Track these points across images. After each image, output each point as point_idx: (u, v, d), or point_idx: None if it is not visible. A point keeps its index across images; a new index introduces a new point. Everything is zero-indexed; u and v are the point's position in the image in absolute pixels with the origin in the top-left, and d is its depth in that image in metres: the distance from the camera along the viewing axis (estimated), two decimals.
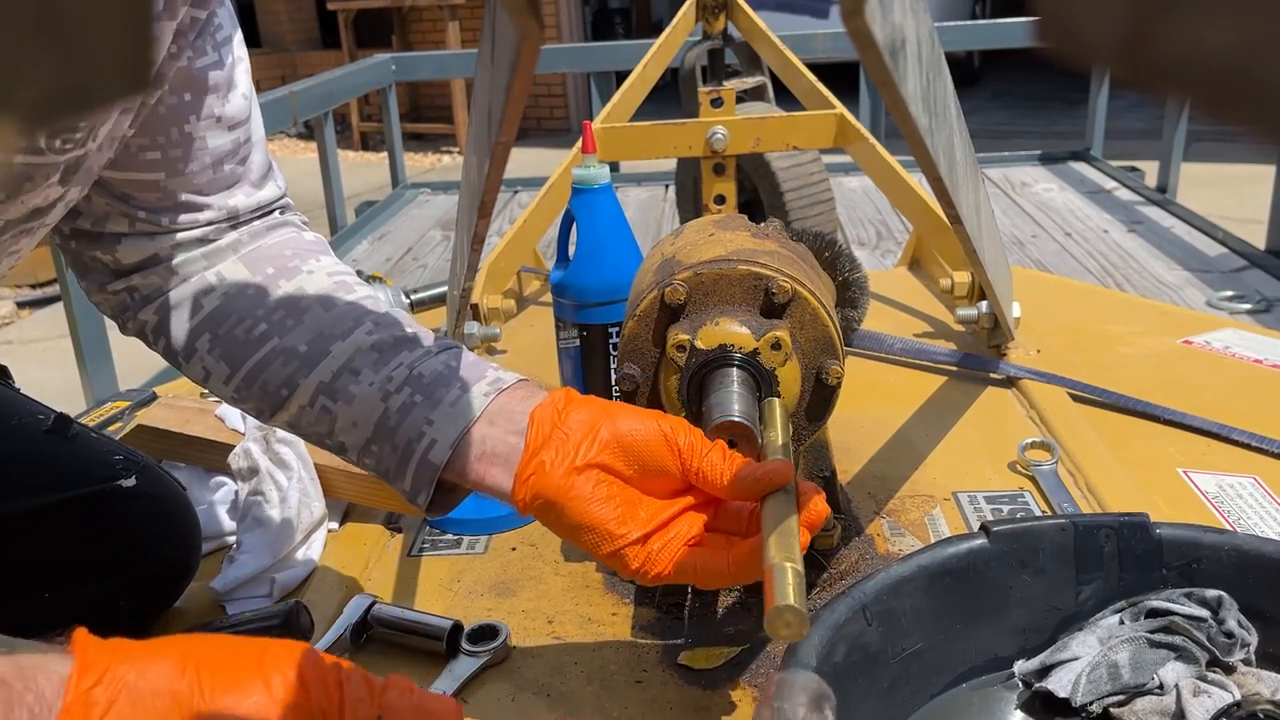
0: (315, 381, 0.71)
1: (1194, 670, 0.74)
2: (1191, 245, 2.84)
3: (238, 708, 0.45)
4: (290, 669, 0.47)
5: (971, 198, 0.81)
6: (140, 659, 0.45)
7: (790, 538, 0.62)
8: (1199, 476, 1.09)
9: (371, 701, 0.48)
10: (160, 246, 0.74)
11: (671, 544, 0.66)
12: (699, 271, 0.85)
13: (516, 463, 0.67)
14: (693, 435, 0.68)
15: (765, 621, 0.58)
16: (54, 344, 3.46)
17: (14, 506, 0.83)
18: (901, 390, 1.33)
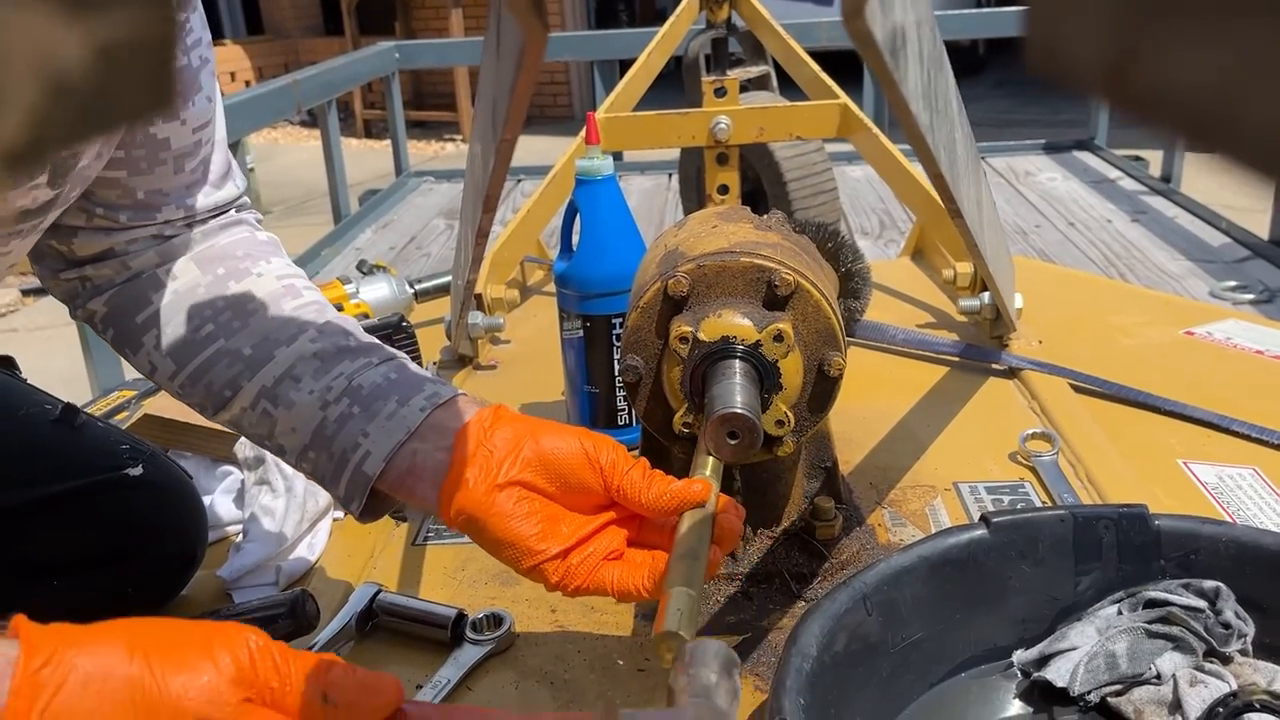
0: (258, 385, 0.72)
1: (1191, 660, 0.74)
2: (1195, 235, 2.84)
3: (189, 688, 0.45)
4: (238, 649, 0.47)
5: (973, 191, 0.82)
6: (87, 642, 0.46)
7: (693, 562, 0.63)
8: (1199, 467, 1.09)
9: (316, 679, 0.49)
10: (115, 241, 0.75)
11: (590, 559, 0.68)
12: (702, 264, 0.86)
13: (443, 478, 0.68)
14: (615, 453, 0.69)
15: (651, 643, 0.59)
16: (58, 331, 3.47)
17: (23, 496, 0.83)
18: (904, 381, 1.33)
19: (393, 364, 0.74)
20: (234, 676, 0.46)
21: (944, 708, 0.77)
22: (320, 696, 0.48)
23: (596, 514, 0.70)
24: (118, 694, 0.44)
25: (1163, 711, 0.73)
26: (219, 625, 0.49)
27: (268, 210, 4.81)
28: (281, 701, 0.48)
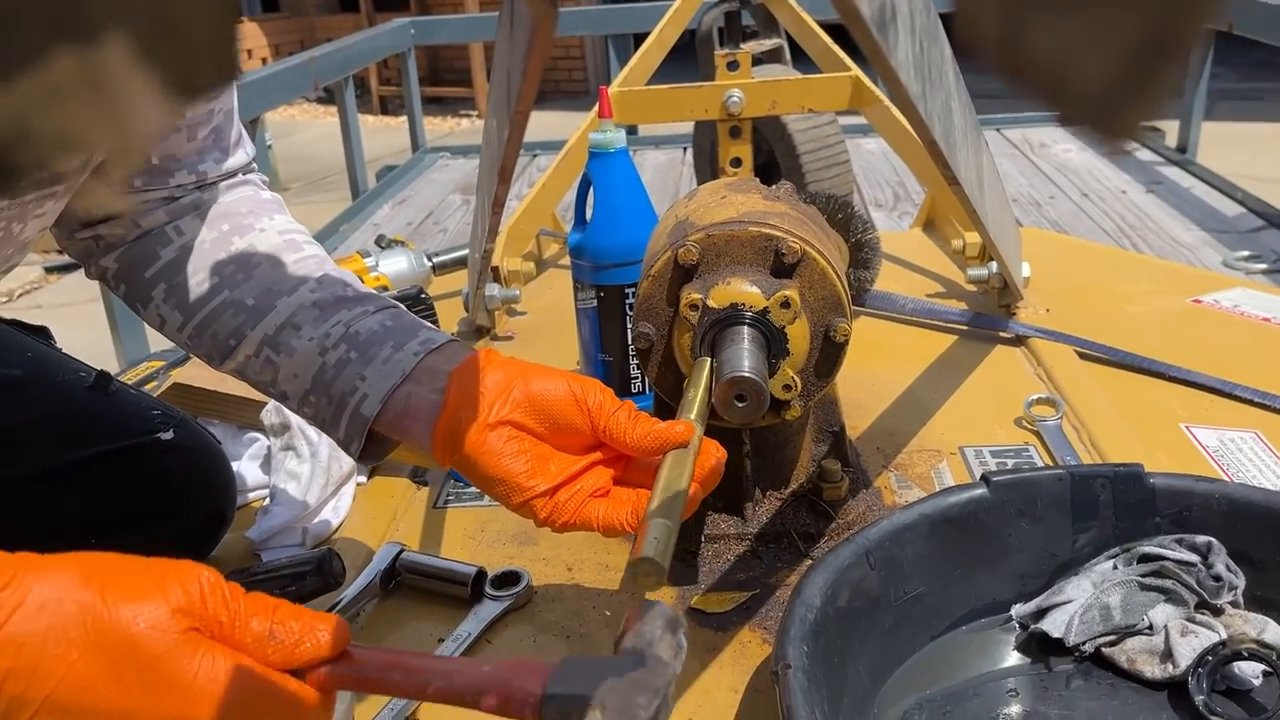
0: (261, 334, 0.76)
1: (1183, 612, 0.77)
2: (1210, 205, 2.84)
3: (137, 614, 0.47)
4: (189, 583, 0.49)
5: (972, 160, 0.84)
6: (45, 569, 0.47)
7: (673, 497, 0.66)
8: (1200, 431, 1.11)
9: (265, 615, 0.50)
10: (128, 202, 0.79)
11: (577, 496, 0.70)
12: (711, 233, 0.88)
13: (436, 418, 0.71)
14: (603, 395, 0.72)
15: (626, 570, 0.62)
16: (83, 308, 3.52)
17: (59, 460, 0.87)
18: (912, 349, 1.36)
19: (388, 312, 0.77)
20: (183, 607, 0.48)
21: (945, 659, 0.80)
22: (268, 632, 0.50)
23: (584, 454, 0.72)
24: (70, 617, 0.46)
25: (1154, 660, 0.75)
26: (174, 562, 0.50)
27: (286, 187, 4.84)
28: (229, 635, 0.49)
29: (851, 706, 0.73)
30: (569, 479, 0.71)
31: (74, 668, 0.46)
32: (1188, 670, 0.74)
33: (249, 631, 0.49)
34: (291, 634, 0.50)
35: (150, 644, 0.47)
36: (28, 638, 0.45)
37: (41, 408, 0.89)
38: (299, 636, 0.51)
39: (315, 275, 0.78)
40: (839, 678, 0.72)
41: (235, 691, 0.48)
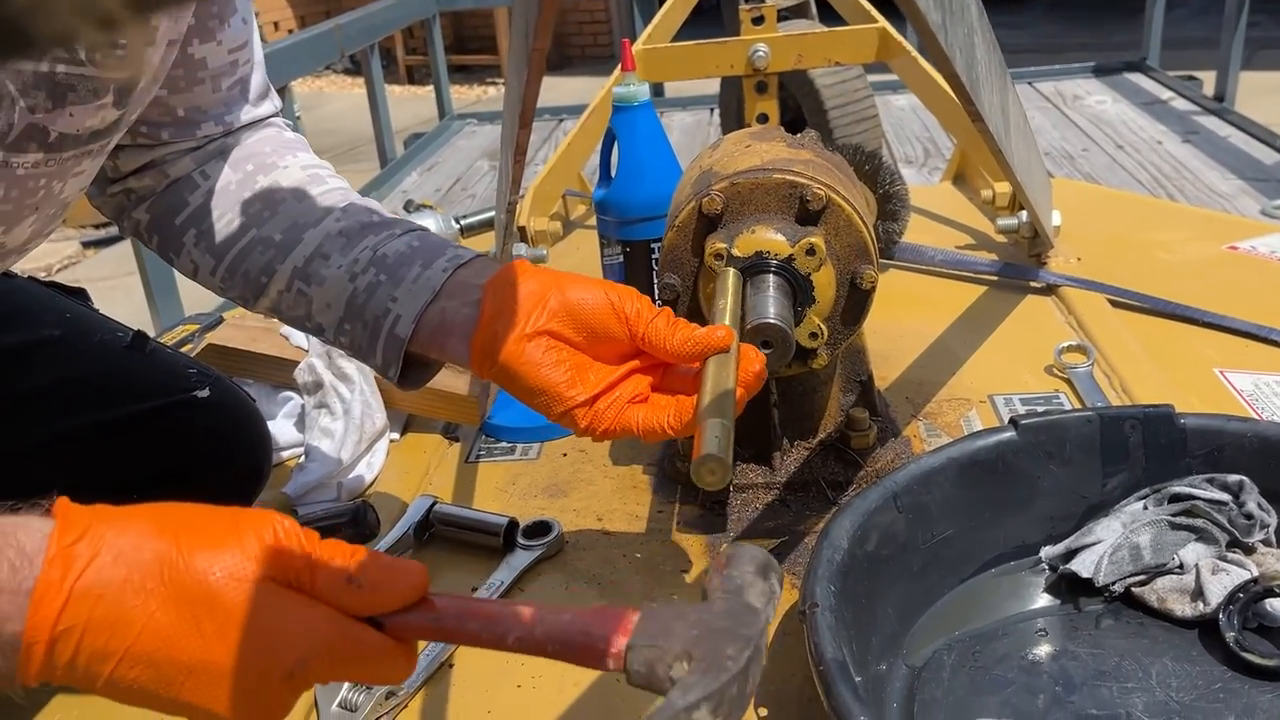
0: (290, 267, 0.76)
1: (1214, 551, 0.77)
2: (1248, 154, 2.79)
3: (214, 565, 0.46)
4: (264, 531, 0.48)
5: (997, 99, 0.83)
6: (120, 520, 0.47)
7: (724, 396, 0.65)
8: (1235, 376, 1.10)
9: (343, 561, 0.48)
10: (155, 154, 0.79)
11: (617, 403, 0.70)
12: (735, 181, 0.88)
13: (472, 332, 0.71)
14: (640, 303, 0.71)
15: (691, 470, 0.62)
16: (119, 281, 3.57)
17: (100, 417, 0.89)
18: (941, 301, 1.35)
19: (415, 233, 0.77)
20: (258, 556, 0.47)
21: (973, 601, 0.80)
22: (346, 579, 0.48)
23: (621, 363, 0.71)
24: (146, 568, 0.45)
25: (1185, 599, 0.75)
26: (248, 510, 0.49)
27: None
28: (307, 583, 0.48)
29: (880, 647, 0.73)
30: (608, 387, 0.70)
31: (153, 618, 0.45)
32: (1218, 608, 0.74)
33: (326, 580, 0.48)
34: (370, 581, 0.48)
35: (227, 594, 0.46)
36: (106, 589, 0.44)
37: (80, 367, 0.91)
38: (377, 584, 0.49)
39: (340, 205, 0.78)
40: (867, 619, 0.73)
41: (313, 640, 0.47)
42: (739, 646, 0.48)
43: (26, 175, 0.64)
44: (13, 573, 0.44)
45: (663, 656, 0.48)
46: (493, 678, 0.78)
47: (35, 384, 0.88)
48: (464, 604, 0.52)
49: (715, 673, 0.46)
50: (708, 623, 0.50)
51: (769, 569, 0.55)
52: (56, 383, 0.89)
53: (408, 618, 0.50)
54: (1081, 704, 0.70)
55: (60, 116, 0.63)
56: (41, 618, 0.44)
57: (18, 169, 0.63)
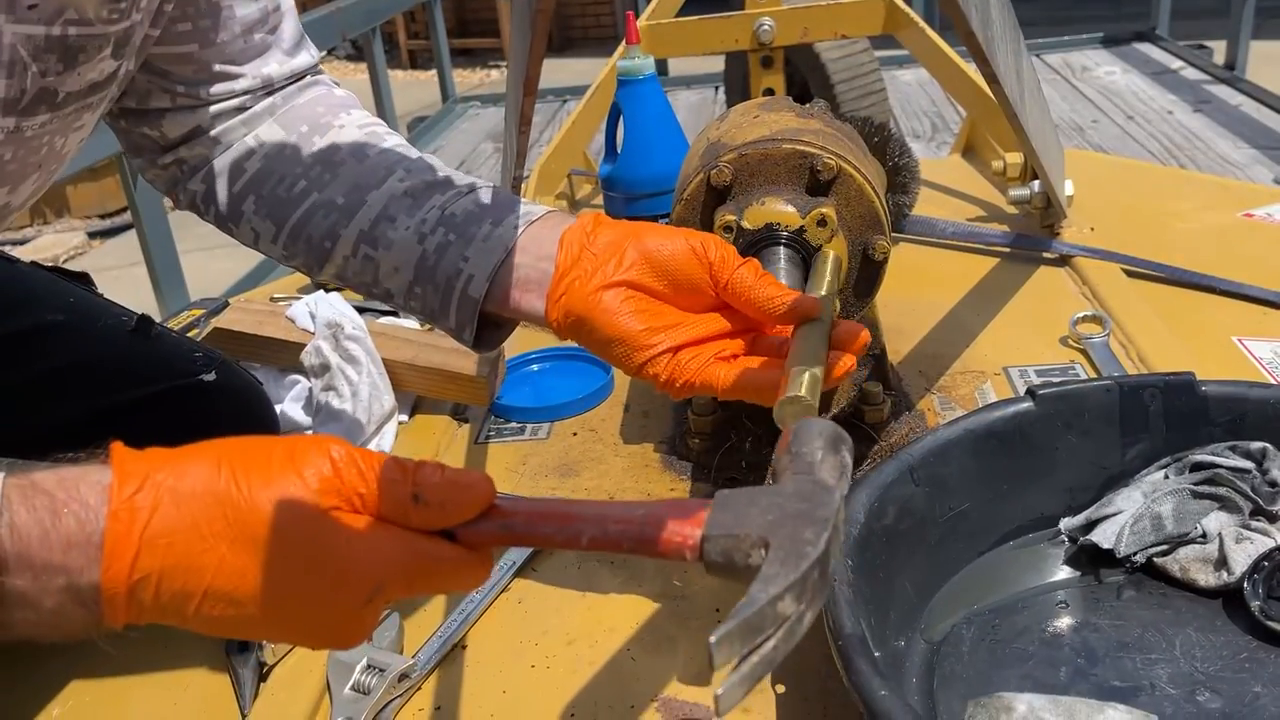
0: (355, 231, 0.73)
1: (1237, 519, 0.75)
2: (1260, 122, 2.76)
3: (275, 499, 0.46)
4: (322, 459, 0.47)
5: (1011, 60, 0.81)
6: (177, 463, 0.46)
7: (816, 358, 0.63)
8: (1254, 344, 1.09)
9: (405, 480, 0.47)
10: (201, 119, 0.77)
11: (702, 355, 0.67)
12: (744, 152, 0.86)
13: (548, 287, 0.69)
14: (724, 249, 0.68)
15: (775, 409, 0.59)
16: (125, 272, 3.57)
17: (105, 401, 0.89)
18: (953, 273, 1.33)
19: (483, 190, 0.74)
20: (319, 487, 0.46)
21: (992, 574, 0.79)
22: (411, 497, 0.47)
23: (705, 315, 0.68)
24: (210, 510, 0.45)
25: (1208, 568, 0.74)
26: (305, 438, 0.49)
27: None
28: (372, 506, 0.47)
29: (898, 621, 0.72)
30: (694, 340, 0.67)
31: (224, 559, 0.45)
32: (1242, 577, 0.72)
33: (391, 500, 0.47)
34: (437, 495, 0.47)
35: (295, 531, 0.45)
36: (174, 535, 0.45)
37: (85, 352, 0.90)
38: (443, 498, 0.47)
39: (403, 162, 0.75)
40: (885, 593, 0.72)
41: (386, 562, 0.47)
42: (817, 529, 0.46)
43: (33, 136, 0.63)
44: (80, 526, 0.44)
45: (740, 544, 0.46)
46: (506, 658, 0.77)
47: (40, 369, 0.88)
48: (534, 506, 0.51)
49: (795, 560, 0.45)
50: (782, 505, 0.48)
51: (839, 441, 0.53)
52: (61, 368, 0.88)
53: (479, 527, 0.49)
54: (1104, 675, 0.69)
55: (70, 77, 0.61)
56: (117, 569, 0.44)
57: (27, 132, 0.62)
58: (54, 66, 0.60)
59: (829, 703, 0.70)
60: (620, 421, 1.07)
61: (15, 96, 0.59)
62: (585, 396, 1.10)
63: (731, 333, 0.69)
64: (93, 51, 0.61)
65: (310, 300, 1.14)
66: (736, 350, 0.69)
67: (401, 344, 1.11)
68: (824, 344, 0.66)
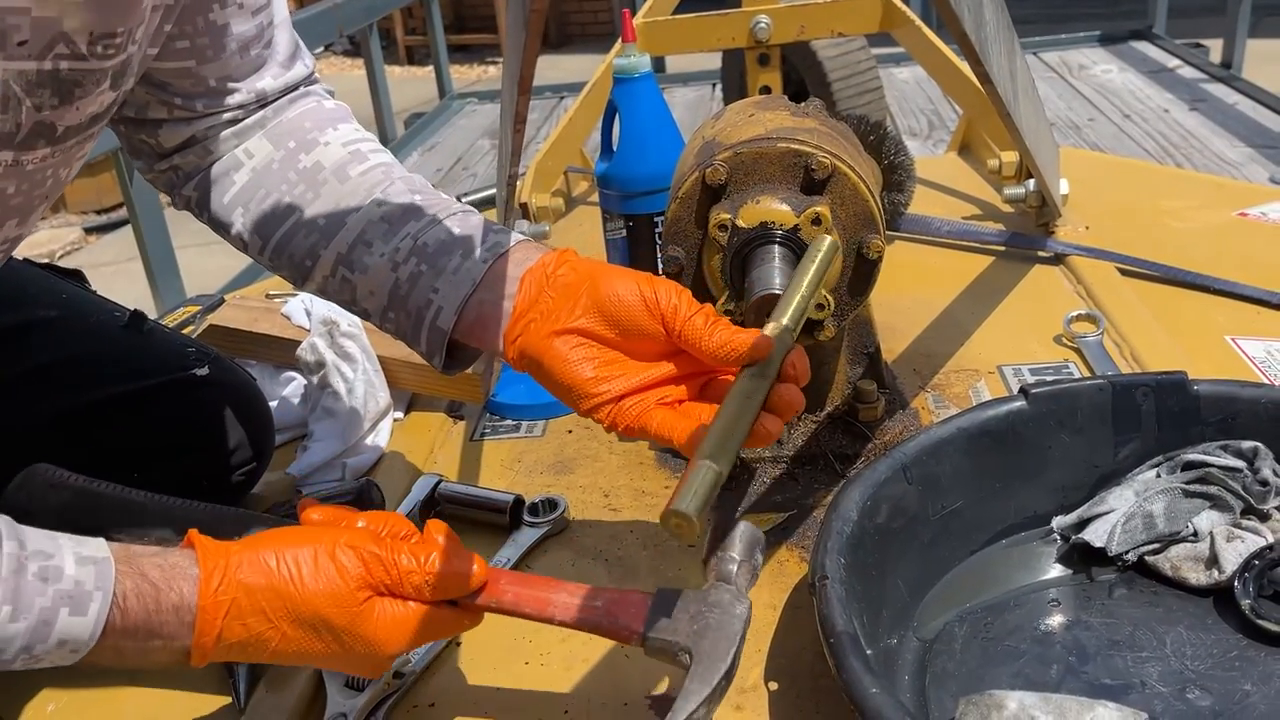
0: (334, 253, 0.76)
1: (1228, 518, 0.76)
2: (1256, 121, 2.76)
3: (322, 592, 0.60)
4: (356, 560, 0.61)
5: (1005, 62, 0.81)
6: (246, 558, 0.60)
7: (731, 433, 0.62)
8: (1247, 343, 1.09)
9: (420, 570, 0.62)
10: (196, 129, 0.79)
11: (643, 403, 0.68)
12: (739, 151, 0.87)
13: (506, 324, 0.71)
14: (679, 298, 0.69)
15: (660, 517, 0.59)
16: (122, 267, 3.57)
17: (98, 395, 0.89)
18: (948, 272, 1.34)
19: (456, 218, 0.76)
20: (356, 584, 0.61)
21: (984, 572, 0.79)
22: (424, 583, 0.62)
23: (661, 359, 0.70)
24: (274, 602, 0.60)
25: (1199, 567, 0.74)
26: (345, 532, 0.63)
27: None
28: (397, 589, 0.62)
29: (891, 619, 0.73)
30: (638, 388, 0.69)
31: (286, 634, 0.61)
32: (1233, 576, 0.73)
33: (409, 585, 0.62)
34: (442, 581, 0.63)
35: (337, 618, 0.61)
36: (247, 616, 0.60)
37: (78, 346, 0.90)
38: (448, 583, 0.63)
39: (382, 185, 0.78)
40: (877, 591, 0.72)
41: (406, 629, 0.62)
42: (728, 644, 0.63)
43: (35, 169, 0.64)
44: (176, 614, 0.59)
45: (670, 647, 0.63)
46: (500, 655, 0.77)
47: (32, 364, 0.88)
48: (520, 588, 0.66)
49: (709, 675, 0.61)
50: (705, 615, 0.64)
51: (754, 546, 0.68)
52: (54, 362, 0.88)
53: (475, 599, 0.66)
54: (1095, 673, 0.69)
55: (68, 111, 0.62)
56: (205, 641, 0.59)
57: (27, 165, 0.63)
58: (49, 101, 0.61)
59: (821, 700, 0.70)
60: None
61: (11, 131, 0.60)
62: None
63: (679, 378, 0.70)
64: (90, 86, 0.62)
65: (306, 297, 1.14)
66: (680, 396, 0.70)
67: (397, 341, 1.11)
68: (756, 401, 0.64)
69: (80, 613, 0.56)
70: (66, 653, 0.57)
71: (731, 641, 0.63)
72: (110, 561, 0.58)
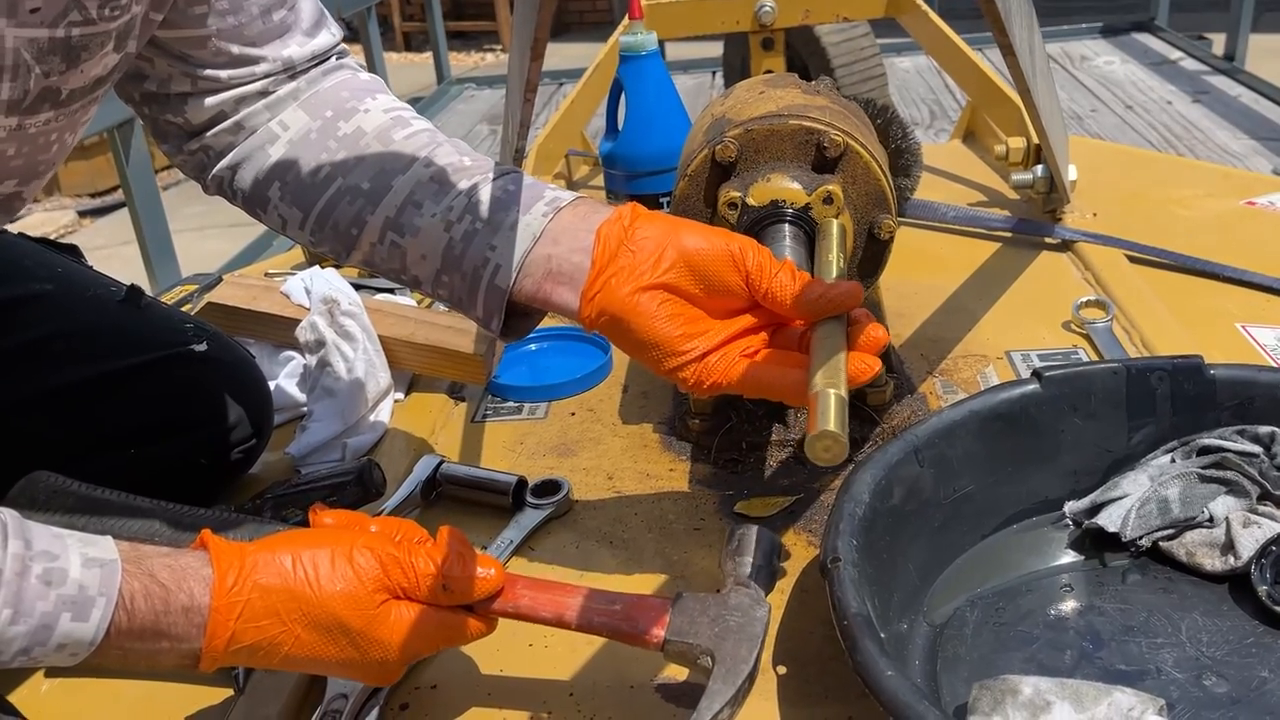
0: (381, 218, 0.73)
1: (1244, 504, 0.75)
2: (1259, 113, 2.75)
3: (339, 594, 0.59)
4: (373, 561, 0.61)
5: (1026, 35, 0.80)
6: (262, 559, 0.59)
7: (838, 365, 0.63)
8: (1258, 330, 1.08)
9: (437, 574, 0.62)
10: (224, 103, 0.76)
11: (727, 357, 0.68)
12: (750, 128, 0.85)
13: (582, 281, 0.68)
14: (761, 255, 0.68)
15: (806, 445, 0.60)
16: (116, 250, 3.54)
17: (95, 370, 0.87)
18: (955, 257, 1.32)
19: (510, 177, 0.74)
20: (373, 586, 0.60)
21: (996, 557, 0.78)
22: (440, 587, 0.62)
23: (734, 318, 0.69)
24: (288, 604, 0.59)
25: (1215, 553, 0.73)
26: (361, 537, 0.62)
27: None
28: (412, 593, 0.61)
29: (901, 603, 0.72)
30: (723, 343, 0.68)
31: (300, 638, 0.59)
32: (1249, 562, 0.71)
33: (426, 589, 0.61)
34: (459, 587, 0.62)
35: (352, 620, 0.60)
36: (261, 619, 0.58)
37: (73, 321, 0.89)
38: (465, 588, 0.62)
39: (429, 147, 0.75)
40: (888, 574, 0.71)
41: (420, 635, 0.62)
42: (750, 645, 0.63)
43: (38, 133, 0.62)
44: (186, 616, 0.57)
45: (692, 651, 0.64)
46: (504, 638, 0.75)
47: (27, 338, 0.86)
48: (536, 593, 0.66)
49: (733, 677, 0.61)
50: (725, 619, 0.64)
51: (773, 552, 0.69)
52: (49, 336, 0.86)
53: (491, 605, 0.65)
54: (1109, 659, 0.68)
55: (73, 75, 0.61)
56: (215, 644, 0.58)
57: (30, 129, 0.61)
58: (57, 66, 0.59)
59: (830, 684, 0.69)
60: (619, 401, 1.06)
61: (18, 98, 0.59)
62: (584, 376, 1.09)
63: (755, 328, 0.69)
64: (95, 49, 0.61)
65: (305, 275, 1.12)
66: (759, 346, 0.69)
67: (398, 320, 1.09)
68: (843, 339, 0.66)
69: (82, 618, 0.55)
70: (66, 656, 0.56)
71: (754, 644, 0.63)
72: (117, 564, 0.57)
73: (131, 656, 0.58)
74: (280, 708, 0.69)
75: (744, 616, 0.64)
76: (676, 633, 0.64)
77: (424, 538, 0.65)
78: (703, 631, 0.64)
